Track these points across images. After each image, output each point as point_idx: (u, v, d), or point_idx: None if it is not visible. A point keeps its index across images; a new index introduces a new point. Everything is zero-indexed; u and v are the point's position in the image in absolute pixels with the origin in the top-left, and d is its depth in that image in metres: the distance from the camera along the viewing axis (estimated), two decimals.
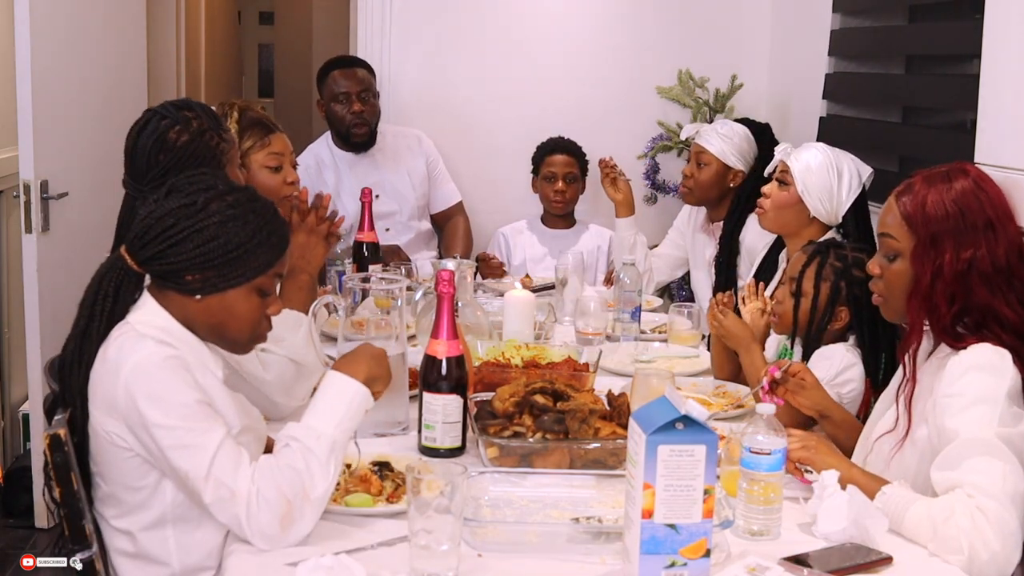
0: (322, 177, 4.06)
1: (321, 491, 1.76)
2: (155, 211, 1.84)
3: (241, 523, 1.72)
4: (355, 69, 4.08)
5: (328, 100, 4.07)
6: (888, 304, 2.08)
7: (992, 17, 2.39)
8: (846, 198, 2.82)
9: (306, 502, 1.74)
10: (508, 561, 1.73)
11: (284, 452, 1.77)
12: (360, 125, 4.04)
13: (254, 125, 2.84)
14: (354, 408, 1.84)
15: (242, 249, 1.82)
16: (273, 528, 1.72)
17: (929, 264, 1.95)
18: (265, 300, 1.88)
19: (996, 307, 1.92)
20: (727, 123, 3.69)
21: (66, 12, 3.80)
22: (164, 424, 1.74)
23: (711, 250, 3.65)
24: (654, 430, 1.59)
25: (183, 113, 2.33)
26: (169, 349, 1.80)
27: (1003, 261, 1.94)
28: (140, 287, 1.88)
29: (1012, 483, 1.80)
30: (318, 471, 1.76)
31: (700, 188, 3.61)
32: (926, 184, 1.99)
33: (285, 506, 1.72)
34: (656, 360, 2.89)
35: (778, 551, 1.76)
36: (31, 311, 3.65)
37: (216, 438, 1.74)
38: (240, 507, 1.72)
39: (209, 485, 1.73)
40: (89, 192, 3.90)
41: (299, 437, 1.78)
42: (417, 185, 4.18)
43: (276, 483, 1.73)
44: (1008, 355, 1.90)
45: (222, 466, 1.73)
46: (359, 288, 2.35)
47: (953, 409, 1.87)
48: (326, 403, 1.83)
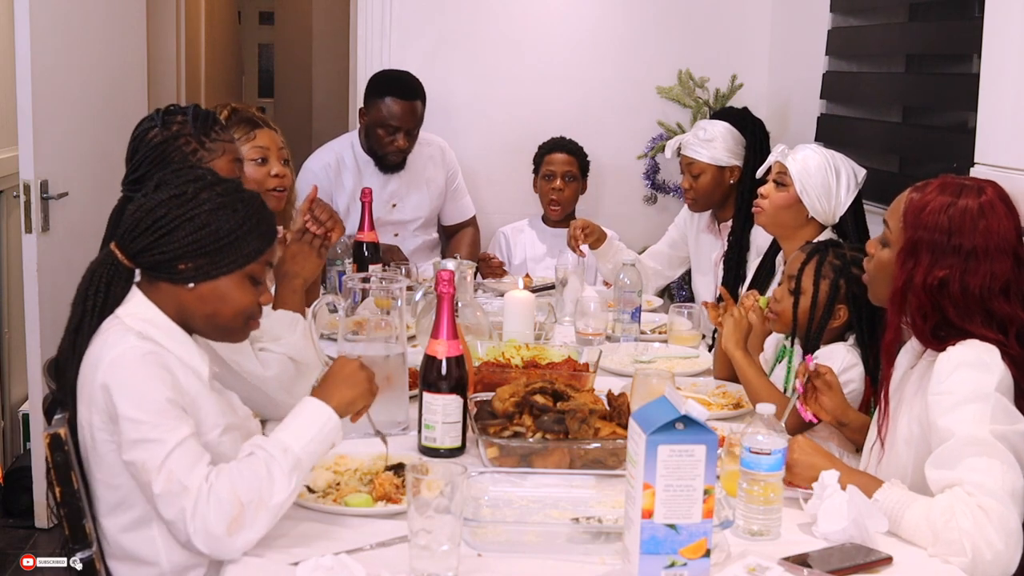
0: (340, 178, 4.00)
1: (280, 499, 1.73)
2: (145, 204, 1.86)
3: (186, 517, 1.69)
4: (414, 103, 3.91)
5: (373, 120, 3.90)
6: (872, 287, 2.11)
7: (992, 16, 2.38)
8: (844, 198, 2.82)
9: (261, 507, 1.71)
10: (508, 561, 1.73)
11: (247, 458, 1.76)
12: (397, 155, 3.96)
13: (241, 122, 2.89)
14: (324, 434, 1.82)
15: (233, 236, 1.84)
16: (219, 528, 1.68)
17: (906, 269, 1.96)
18: (257, 288, 1.90)
19: (971, 329, 1.92)
20: (706, 126, 3.62)
21: (66, 12, 3.80)
22: (131, 417, 1.74)
23: (718, 251, 3.62)
24: (654, 430, 1.60)
25: (172, 117, 2.36)
26: (150, 344, 1.80)
27: (975, 292, 1.91)
28: (131, 282, 1.89)
29: (1011, 481, 1.80)
30: (280, 479, 1.73)
31: (703, 195, 3.59)
32: (939, 189, 1.98)
33: (237, 508, 1.69)
34: (656, 360, 2.89)
35: (778, 551, 1.76)
36: (31, 311, 3.65)
37: (178, 436, 1.73)
38: (188, 501, 1.69)
39: (161, 476, 1.71)
40: (89, 192, 3.90)
41: (265, 446, 1.77)
42: (434, 198, 4.15)
43: (232, 483, 1.71)
44: (996, 351, 1.89)
45: (178, 460, 1.71)
46: (359, 288, 2.35)
47: (944, 407, 1.87)
48: (297, 424, 1.82)
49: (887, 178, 3.39)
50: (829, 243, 2.60)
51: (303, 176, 3.96)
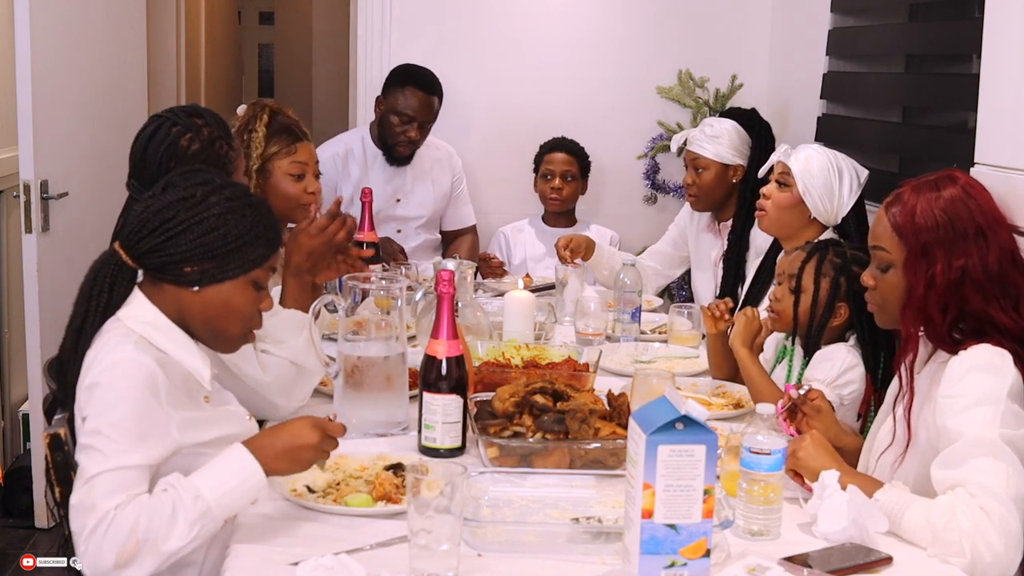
0: (347, 168, 4.04)
1: (173, 547, 1.67)
2: (152, 205, 1.85)
3: (83, 536, 1.66)
4: (432, 98, 4.00)
5: (390, 108, 3.98)
6: (883, 314, 2.08)
7: (992, 16, 2.38)
8: (847, 199, 2.82)
9: (153, 550, 1.66)
10: (508, 561, 1.73)
11: (159, 494, 1.71)
12: (408, 146, 4.02)
13: (282, 131, 2.86)
14: (245, 489, 1.75)
15: (240, 241, 1.84)
16: (109, 558, 1.65)
17: (922, 274, 1.94)
18: (259, 294, 1.89)
19: (992, 314, 1.92)
20: (713, 123, 3.62)
21: (66, 12, 3.80)
22: (93, 422, 1.73)
23: (717, 250, 3.62)
24: (654, 430, 1.60)
25: (193, 120, 2.36)
26: (147, 358, 1.78)
27: (995, 268, 1.93)
28: (133, 283, 1.88)
29: (1015, 485, 1.80)
30: (181, 526, 1.67)
31: (705, 193, 3.58)
32: (915, 193, 1.98)
33: (132, 543, 1.65)
34: (656, 360, 2.89)
35: (778, 551, 1.76)
36: (31, 311, 3.65)
37: (121, 460, 1.70)
38: (90, 521, 1.66)
39: (83, 488, 1.69)
40: (89, 192, 3.91)
41: (179, 488, 1.71)
42: (439, 199, 4.18)
43: (136, 518, 1.66)
44: (1008, 355, 1.89)
45: (106, 482, 1.68)
46: (359, 288, 2.35)
47: (955, 409, 1.86)
48: (219, 472, 1.75)
49: (887, 178, 3.39)
50: (829, 242, 2.60)
51: None
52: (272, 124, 2.86)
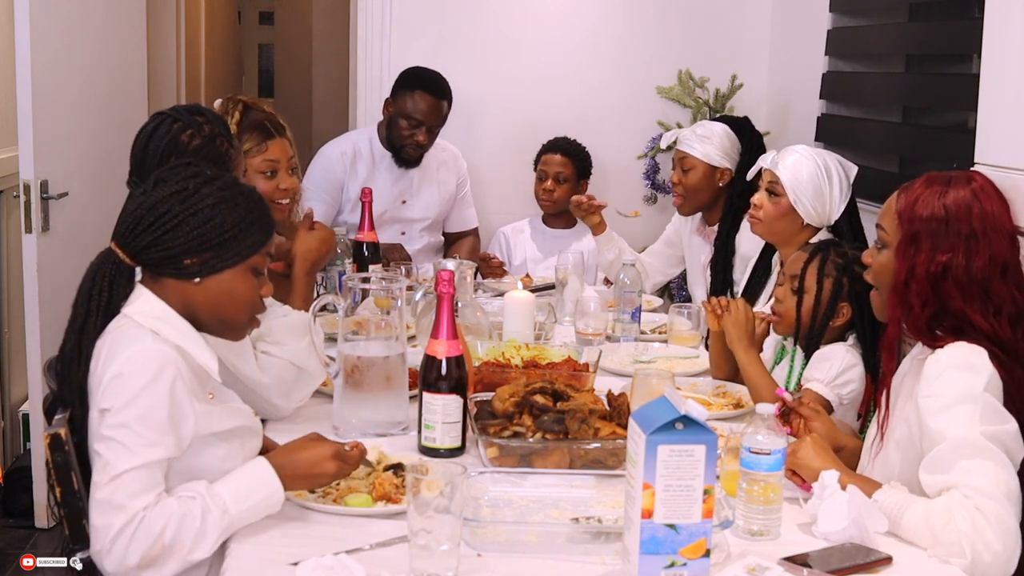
0: (355, 168, 4.01)
1: (198, 557, 1.71)
2: (145, 201, 1.86)
3: (110, 534, 1.68)
4: (442, 102, 3.96)
5: (399, 111, 3.93)
6: (878, 298, 2.10)
7: (992, 16, 2.38)
8: (839, 201, 2.79)
9: (179, 558, 1.70)
10: (508, 561, 1.73)
11: (188, 501, 1.73)
12: (415, 150, 3.98)
13: (254, 128, 2.80)
14: (265, 505, 1.80)
15: (236, 229, 1.85)
16: (134, 558, 1.68)
17: (907, 261, 1.97)
18: (259, 280, 1.91)
19: (969, 315, 1.93)
20: (705, 124, 3.62)
21: (66, 12, 3.80)
22: (118, 415, 1.73)
23: (706, 255, 3.62)
24: (654, 430, 1.60)
25: (194, 118, 2.36)
26: (168, 348, 1.80)
27: (980, 274, 1.94)
28: (132, 281, 1.89)
29: (1005, 480, 1.81)
30: (209, 539, 1.72)
31: (691, 194, 3.56)
32: (926, 184, 2.01)
33: (158, 548, 1.68)
34: (656, 360, 2.89)
35: (778, 551, 1.76)
36: (31, 311, 3.65)
37: (147, 456, 1.71)
38: (118, 521, 1.68)
39: (110, 485, 1.70)
40: (89, 192, 3.90)
41: (207, 499, 1.74)
42: (444, 201, 4.17)
43: (164, 522, 1.69)
44: (984, 352, 1.90)
45: (133, 479, 1.70)
46: (359, 288, 2.35)
47: (933, 409, 1.87)
48: (245, 487, 1.79)
49: (887, 178, 3.39)
50: (830, 242, 2.60)
51: (318, 161, 4.03)
52: (244, 120, 2.81)
